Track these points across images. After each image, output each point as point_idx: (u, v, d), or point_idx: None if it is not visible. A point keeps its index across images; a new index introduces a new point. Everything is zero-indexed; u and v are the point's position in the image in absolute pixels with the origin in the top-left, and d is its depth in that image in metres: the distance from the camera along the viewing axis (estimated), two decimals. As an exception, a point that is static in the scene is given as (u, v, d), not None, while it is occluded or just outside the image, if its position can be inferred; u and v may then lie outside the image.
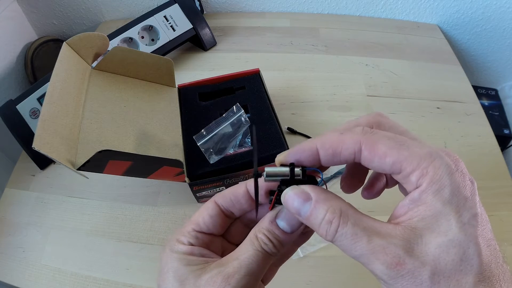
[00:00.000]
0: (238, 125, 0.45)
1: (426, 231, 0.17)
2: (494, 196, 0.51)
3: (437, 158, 0.18)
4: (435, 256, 0.16)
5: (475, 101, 0.63)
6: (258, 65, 0.58)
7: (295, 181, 0.20)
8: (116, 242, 0.48)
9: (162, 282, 0.22)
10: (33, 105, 0.55)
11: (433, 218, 0.17)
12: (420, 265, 0.16)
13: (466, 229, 0.17)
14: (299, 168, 0.20)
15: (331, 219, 0.18)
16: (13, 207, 0.54)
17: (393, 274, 0.17)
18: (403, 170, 0.18)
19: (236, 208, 0.24)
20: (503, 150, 0.73)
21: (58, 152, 0.35)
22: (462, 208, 0.17)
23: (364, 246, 0.17)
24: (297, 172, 0.20)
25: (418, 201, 0.18)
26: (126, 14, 0.85)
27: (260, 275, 0.21)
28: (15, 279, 0.46)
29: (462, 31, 0.79)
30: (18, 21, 0.78)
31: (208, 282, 0.20)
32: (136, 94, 0.50)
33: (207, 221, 0.23)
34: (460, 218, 0.17)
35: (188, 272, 0.21)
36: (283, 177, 0.20)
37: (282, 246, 0.22)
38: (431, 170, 0.18)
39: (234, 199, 0.24)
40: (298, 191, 0.20)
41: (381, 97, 0.64)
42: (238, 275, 0.20)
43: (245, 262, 0.20)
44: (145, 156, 0.39)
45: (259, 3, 0.82)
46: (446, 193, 0.17)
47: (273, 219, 0.22)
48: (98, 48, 0.47)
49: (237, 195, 0.24)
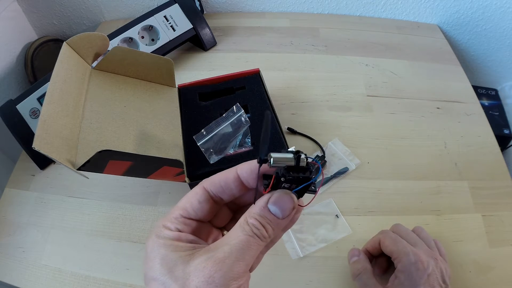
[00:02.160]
0: (238, 125, 0.45)
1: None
2: (494, 196, 0.51)
3: (406, 255, 0.36)
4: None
5: (475, 101, 0.63)
6: (258, 65, 0.58)
7: (299, 168, 0.21)
8: (116, 242, 0.48)
9: (149, 270, 0.21)
10: (33, 105, 0.55)
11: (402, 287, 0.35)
12: None
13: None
14: (304, 155, 0.21)
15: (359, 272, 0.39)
16: (13, 207, 0.53)
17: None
18: (392, 256, 0.38)
19: (226, 194, 0.24)
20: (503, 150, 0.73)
21: (58, 152, 0.35)
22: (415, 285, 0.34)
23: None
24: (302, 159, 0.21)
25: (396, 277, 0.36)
26: (126, 14, 0.85)
27: (251, 261, 0.21)
28: (15, 279, 0.46)
29: (462, 31, 0.79)
30: (18, 21, 0.78)
31: (197, 268, 0.19)
32: (136, 94, 0.50)
33: (196, 207, 0.23)
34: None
35: (176, 258, 0.20)
36: (289, 164, 0.20)
37: (273, 231, 0.22)
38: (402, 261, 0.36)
39: (224, 185, 0.24)
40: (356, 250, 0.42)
41: (381, 97, 0.64)
42: (229, 260, 0.20)
43: (236, 247, 0.20)
44: (145, 156, 0.39)
45: (259, 3, 0.82)
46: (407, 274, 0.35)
47: (265, 204, 0.22)
48: (98, 48, 0.47)
49: (228, 181, 0.23)
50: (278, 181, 0.21)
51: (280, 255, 0.46)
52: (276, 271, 0.45)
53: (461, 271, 0.44)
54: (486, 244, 0.46)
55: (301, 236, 0.47)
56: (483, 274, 0.44)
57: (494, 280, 0.43)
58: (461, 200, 0.50)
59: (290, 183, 0.21)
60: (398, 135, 0.58)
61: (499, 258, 0.45)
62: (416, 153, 0.56)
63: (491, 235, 0.47)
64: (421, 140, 0.58)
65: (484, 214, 0.49)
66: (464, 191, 0.51)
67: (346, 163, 0.54)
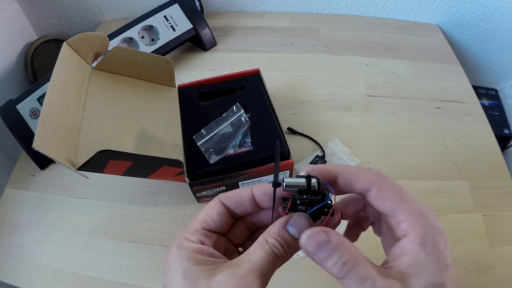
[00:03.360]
0: (238, 125, 0.45)
1: (412, 276, 0.21)
2: (494, 196, 0.51)
3: (425, 217, 0.22)
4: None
5: (475, 101, 0.63)
6: (258, 65, 0.58)
7: (311, 191, 0.22)
8: (116, 242, 0.48)
9: (169, 282, 0.21)
10: (33, 105, 0.55)
11: (418, 266, 0.21)
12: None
13: (441, 275, 0.21)
14: (315, 180, 0.22)
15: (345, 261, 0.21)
16: (13, 207, 0.54)
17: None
18: (396, 217, 0.23)
19: (240, 210, 0.25)
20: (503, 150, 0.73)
21: (58, 152, 0.35)
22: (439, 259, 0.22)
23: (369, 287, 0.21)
24: (313, 183, 0.22)
25: (407, 250, 0.22)
26: (126, 14, 0.85)
27: (269, 277, 0.22)
28: (15, 279, 0.46)
29: (462, 31, 0.79)
30: (18, 21, 0.78)
31: (220, 282, 0.20)
32: (136, 94, 0.50)
33: (215, 219, 0.24)
34: (438, 267, 0.21)
35: (199, 271, 0.21)
36: (301, 187, 0.22)
37: (290, 251, 0.23)
38: (419, 225, 0.22)
39: (239, 201, 0.25)
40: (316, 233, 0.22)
41: (381, 97, 0.64)
42: (251, 276, 0.21)
43: (257, 264, 0.21)
44: (145, 156, 0.39)
45: (259, 3, 0.82)
46: (429, 246, 0.22)
47: (284, 225, 0.23)
48: (98, 48, 0.47)
49: (243, 198, 0.25)
50: (295, 204, 0.23)
51: (280, 255, 0.46)
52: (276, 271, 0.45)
53: (461, 271, 0.44)
54: (486, 244, 0.46)
55: (301, 236, 0.47)
56: (483, 274, 0.44)
57: (494, 280, 0.43)
58: (461, 200, 0.50)
59: (305, 205, 0.23)
60: (398, 135, 0.58)
61: (499, 258, 0.45)
62: (416, 153, 0.56)
63: (491, 235, 0.47)
64: (421, 140, 0.58)
65: (484, 214, 0.49)
66: (464, 191, 0.51)
67: (346, 163, 0.54)
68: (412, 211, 0.22)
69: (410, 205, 0.23)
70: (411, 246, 0.22)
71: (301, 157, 0.55)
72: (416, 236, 0.22)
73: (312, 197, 0.22)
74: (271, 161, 0.47)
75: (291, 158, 0.47)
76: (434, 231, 0.22)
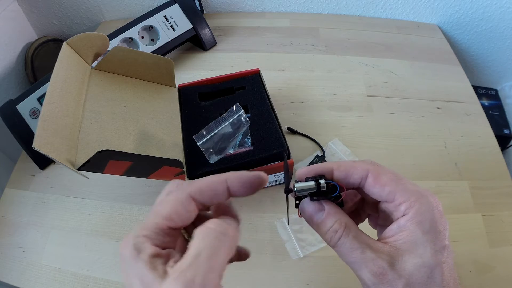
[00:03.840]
0: (238, 125, 0.45)
1: (406, 252, 0.22)
2: (494, 196, 0.51)
3: (424, 197, 0.23)
4: (410, 272, 0.21)
5: (475, 101, 0.63)
6: (258, 65, 0.58)
7: (321, 192, 0.24)
8: (116, 242, 0.48)
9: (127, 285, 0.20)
10: (33, 105, 0.55)
11: (413, 243, 0.22)
12: (397, 277, 0.21)
13: (436, 256, 0.22)
14: (323, 181, 0.24)
15: (337, 229, 0.23)
16: (13, 207, 0.54)
17: (376, 281, 0.21)
18: (395, 200, 0.23)
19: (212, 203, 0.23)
20: (503, 150, 0.73)
21: (58, 152, 0.35)
22: (436, 239, 0.22)
23: (358, 255, 0.22)
24: (322, 185, 0.24)
25: (403, 227, 0.22)
26: (126, 14, 0.85)
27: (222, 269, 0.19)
28: (15, 279, 0.46)
29: (462, 31, 0.79)
30: (18, 21, 0.78)
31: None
32: (136, 94, 0.50)
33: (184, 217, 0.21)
34: (434, 246, 0.22)
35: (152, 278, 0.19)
36: (311, 190, 0.24)
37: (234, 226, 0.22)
38: (417, 205, 0.22)
39: (213, 195, 0.22)
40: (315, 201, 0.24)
41: (381, 97, 0.64)
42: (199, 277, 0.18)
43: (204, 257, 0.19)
44: (145, 156, 0.39)
45: (259, 3, 0.82)
46: (426, 225, 0.22)
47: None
48: (98, 48, 0.47)
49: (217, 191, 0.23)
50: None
51: (280, 255, 0.46)
52: (276, 271, 0.45)
53: (461, 271, 0.44)
54: (486, 244, 0.46)
55: (301, 236, 0.47)
56: (483, 274, 0.44)
57: (494, 280, 0.43)
58: (461, 200, 0.50)
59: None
60: (398, 135, 0.58)
61: (499, 258, 0.45)
62: (416, 153, 0.56)
63: (491, 235, 0.47)
64: (421, 140, 0.58)
65: (484, 214, 0.49)
66: (464, 191, 0.51)
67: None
68: (410, 192, 0.23)
69: (407, 187, 0.23)
70: (408, 224, 0.22)
71: (301, 157, 0.55)
72: (414, 215, 0.22)
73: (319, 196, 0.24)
74: (271, 161, 0.47)
75: (291, 158, 0.47)
76: (432, 211, 0.23)
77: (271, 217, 0.49)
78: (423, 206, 0.22)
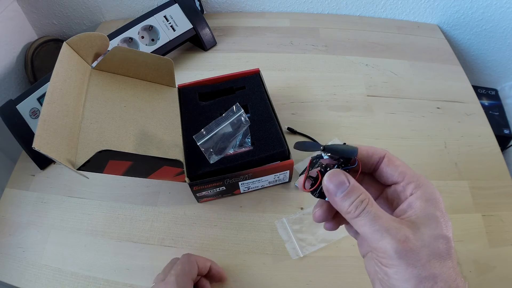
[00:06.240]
0: (238, 125, 0.45)
1: (422, 225, 0.23)
2: (494, 196, 0.51)
3: (427, 181, 0.26)
4: (429, 242, 0.23)
5: (475, 101, 0.63)
6: (258, 65, 0.58)
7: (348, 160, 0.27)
8: (116, 242, 0.48)
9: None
10: (33, 105, 0.55)
11: (426, 217, 0.24)
12: (421, 246, 0.22)
13: (447, 228, 0.24)
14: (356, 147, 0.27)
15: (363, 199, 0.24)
16: (13, 207, 0.54)
17: (401, 248, 0.22)
18: (405, 180, 0.26)
19: None
20: (503, 150, 0.73)
21: (58, 152, 0.35)
22: (444, 216, 0.24)
23: (382, 223, 0.23)
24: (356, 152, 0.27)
25: (413, 203, 0.25)
26: (126, 14, 0.85)
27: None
28: (15, 279, 0.46)
29: (462, 31, 0.79)
30: (18, 21, 0.78)
31: None
32: (136, 94, 0.50)
33: None
34: (443, 219, 0.24)
35: None
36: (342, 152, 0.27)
37: None
38: (424, 186, 0.25)
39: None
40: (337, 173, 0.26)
41: (381, 97, 0.64)
42: None
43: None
44: (145, 156, 0.39)
45: (259, 3, 0.82)
46: (434, 203, 0.25)
47: None
48: (98, 48, 0.47)
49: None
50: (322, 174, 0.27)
51: (280, 255, 0.46)
52: (276, 271, 0.45)
53: (461, 271, 0.44)
54: (486, 244, 0.46)
55: (301, 236, 0.47)
56: (483, 274, 0.44)
57: (494, 280, 0.43)
58: (461, 200, 0.50)
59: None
60: (398, 135, 0.58)
61: (499, 258, 0.45)
62: (416, 153, 0.56)
63: (491, 235, 0.47)
64: (421, 140, 0.58)
65: (484, 214, 0.49)
66: (464, 191, 0.51)
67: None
68: (418, 176, 0.26)
69: (415, 172, 0.27)
70: (418, 201, 0.25)
71: (301, 157, 0.55)
72: (423, 193, 0.25)
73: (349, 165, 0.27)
74: (271, 161, 0.47)
75: (291, 158, 0.47)
76: (436, 194, 0.25)
77: (271, 217, 0.49)
78: (429, 188, 0.25)
